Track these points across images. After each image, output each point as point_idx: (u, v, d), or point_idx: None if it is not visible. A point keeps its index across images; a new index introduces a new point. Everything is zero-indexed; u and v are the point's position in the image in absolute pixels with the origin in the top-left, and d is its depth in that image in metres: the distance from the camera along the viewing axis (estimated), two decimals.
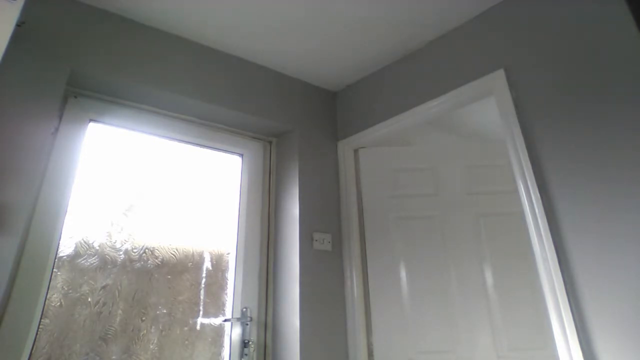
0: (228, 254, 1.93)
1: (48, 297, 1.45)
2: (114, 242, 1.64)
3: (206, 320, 1.77)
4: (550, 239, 1.33)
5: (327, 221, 2.06)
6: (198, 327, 1.73)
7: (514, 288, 1.85)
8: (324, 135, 2.26)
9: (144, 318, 1.61)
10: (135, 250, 1.68)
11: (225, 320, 1.81)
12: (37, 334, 1.39)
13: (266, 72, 2.17)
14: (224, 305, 1.84)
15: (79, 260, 1.55)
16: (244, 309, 1.85)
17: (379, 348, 1.84)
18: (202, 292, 1.80)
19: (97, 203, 1.65)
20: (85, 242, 1.58)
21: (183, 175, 1.92)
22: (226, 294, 1.87)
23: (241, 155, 2.14)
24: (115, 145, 1.78)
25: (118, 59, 1.69)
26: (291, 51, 2.04)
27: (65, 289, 1.49)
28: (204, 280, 1.82)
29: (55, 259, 1.48)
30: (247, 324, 1.83)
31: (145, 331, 1.60)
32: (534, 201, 1.41)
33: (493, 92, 1.65)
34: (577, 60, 1.41)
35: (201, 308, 1.77)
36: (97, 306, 1.53)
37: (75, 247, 1.55)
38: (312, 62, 2.14)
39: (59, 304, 1.46)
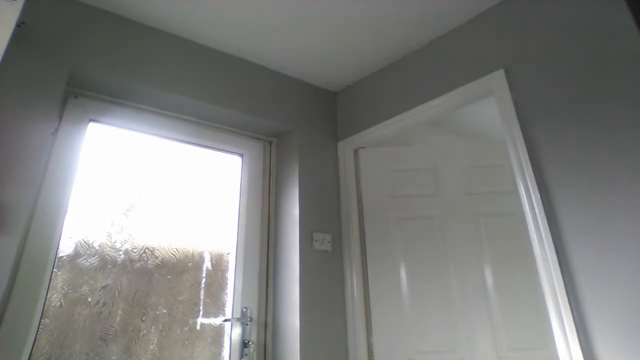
0: (228, 254, 1.93)
1: (48, 297, 1.45)
2: (114, 242, 1.64)
3: (206, 320, 1.77)
4: (550, 239, 1.33)
5: (327, 221, 2.06)
6: (198, 327, 1.73)
7: (514, 288, 1.85)
8: (324, 135, 2.26)
9: (144, 318, 1.61)
10: (135, 250, 1.68)
11: (225, 320, 1.81)
12: (37, 334, 1.39)
13: (266, 72, 2.17)
14: (224, 305, 1.84)
15: (79, 260, 1.55)
16: (244, 309, 1.85)
17: (379, 348, 1.84)
18: (202, 292, 1.80)
19: (97, 203, 1.65)
20: (85, 242, 1.58)
21: (183, 175, 1.92)
22: (226, 294, 1.87)
23: (241, 155, 2.14)
24: (115, 145, 1.78)
25: (118, 59, 1.69)
26: (291, 51, 2.04)
27: (65, 289, 1.49)
28: (204, 280, 1.82)
29: (55, 259, 1.48)
30: (247, 324, 1.83)
31: (145, 331, 1.60)
32: (534, 201, 1.41)
33: (493, 92, 1.65)
34: (577, 60, 1.41)
35: (201, 308, 1.77)
36: (97, 306, 1.53)
37: (75, 247, 1.55)
38: (312, 62, 2.14)
39: (59, 304, 1.46)
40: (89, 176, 1.67)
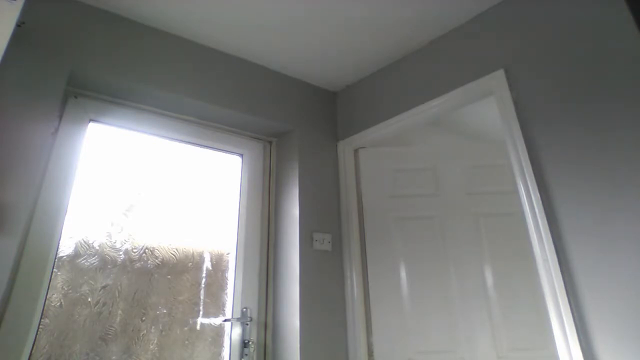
0: (228, 254, 1.93)
1: (48, 297, 1.44)
2: (114, 242, 1.64)
3: (206, 320, 1.77)
4: (550, 239, 1.33)
5: (327, 221, 2.06)
6: (198, 327, 1.73)
7: (514, 288, 1.85)
8: (324, 135, 2.26)
9: (144, 318, 1.61)
10: (135, 250, 1.68)
11: (225, 320, 1.81)
12: (37, 334, 1.39)
13: (266, 72, 2.17)
14: (224, 305, 1.84)
15: (79, 260, 1.55)
16: (244, 309, 1.85)
17: (379, 348, 1.84)
18: (202, 292, 1.80)
19: (97, 203, 1.65)
20: (85, 242, 1.58)
21: (183, 175, 1.92)
22: (226, 294, 1.87)
23: (241, 155, 2.14)
24: (115, 145, 1.78)
25: (118, 59, 1.69)
26: (291, 51, 2.04)
27: (65, 289, 1.49)
28: (204, 280, 1.82)
29: (55, 259, 1.48)
30: (247, 324, 1.83)
31: (145, 331, 1.60)
32: (534, 201, 1.41)
33: (493, 92, 1.65)
34: (577, 60, 1.41)
35: (201, 308, 1.77)
36: (97, 306, 1.53)
37: (75, 247, 1.55)
38: (312, 62, 2.14)
39: (59, 304, 1.46)
40: (89, 176, 1.67)
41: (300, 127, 2.17)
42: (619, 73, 1.29)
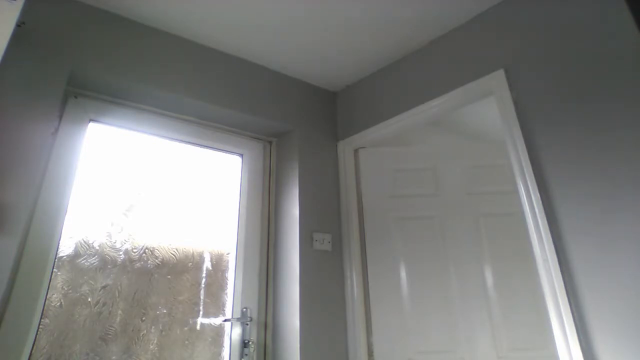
0: (228, 254, 1.93)
1: (48, 297, 1.44)
2: (114, 242, 1.64)
3: (206, 320, 1.77)
4: (550, 239, 1.33)
5: (327, 221, 2.06)
6: (198, 327, 1.73)
7: (514, 288, 1.85)
8: (324, 135, 2.26)
9: (144, 318, 1.61)
10: (135, 250, 1.68)
11: (225, 320, 1.81)
12: (37, 334, 1.39)
13: (266, 72, 2.17)
14: (224, 305, 1.84)
15: (79, 260, 1.55)
16: (244, 309, 1.85)
17: (379, 348, 1.84)
18: (202, 292, 1.80)
19: (97, 203, 1.65)
20: (85, 242, 1.58)
21: (183, 175, 1.92)
22: (226, 294, 1.87)
23: (241, 155, 2.14)
24: (115, 145, 1.78)
25: (118, 59, 1.69)
26: (291, 51, 2.04)
27: (65, 289, 1.49)
28: (204, 280, 1.82)
29: (55, 259, 1.48)
30: (247, 324, 1.83)
31: (145, 331, 1.60)
32: (534, 201, 1.41)
33: (493, 92, 1.65)
34: (577, 60, 1.41)
35: (201, 308, 1.77)
36: (97, 306, 1.53)
37: (75, 247, 1.55)
38: (312, 62, 2.14)
39: (59, 304, 1.46)
40: (89, 176, 1.67)
41: (300, 127, 2.17)
42: (619, 73, 1.29)
